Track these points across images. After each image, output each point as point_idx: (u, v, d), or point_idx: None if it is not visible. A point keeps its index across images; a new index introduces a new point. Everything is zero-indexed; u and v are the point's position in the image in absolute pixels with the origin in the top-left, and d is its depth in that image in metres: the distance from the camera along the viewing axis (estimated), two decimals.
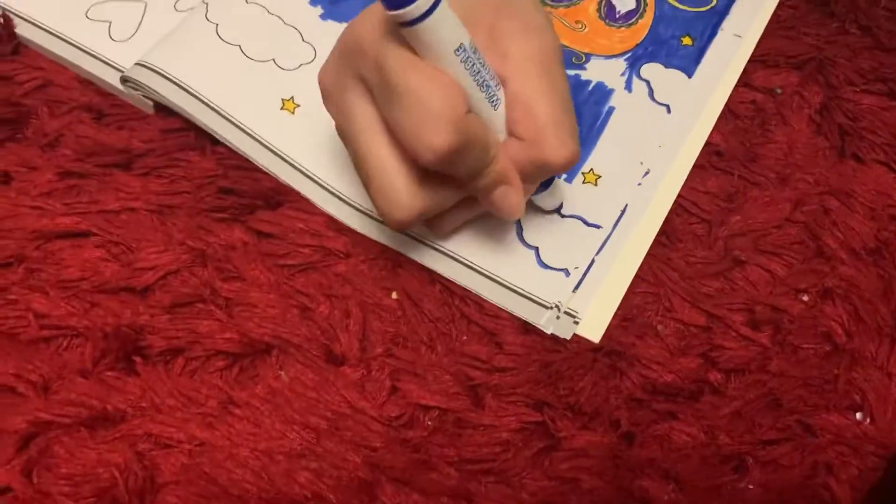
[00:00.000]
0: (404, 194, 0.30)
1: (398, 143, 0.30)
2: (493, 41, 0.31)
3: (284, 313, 0.35)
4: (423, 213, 0.32)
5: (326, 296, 0.36)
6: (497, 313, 0.36)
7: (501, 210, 0.33)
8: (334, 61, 0.32)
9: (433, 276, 0.37)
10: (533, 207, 0.38)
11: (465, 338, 0.35)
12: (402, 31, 0.28)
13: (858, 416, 0.34)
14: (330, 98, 0.33)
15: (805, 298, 0.37)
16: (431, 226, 0.35)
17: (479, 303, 0.36)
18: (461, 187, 0.32)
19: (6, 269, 0.36)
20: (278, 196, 0.38)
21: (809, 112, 0.42)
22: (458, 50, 0.28)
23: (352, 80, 0.31)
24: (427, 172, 0.31)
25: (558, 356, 0.35)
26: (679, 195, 0.39)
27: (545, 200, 0.37)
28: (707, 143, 0.40)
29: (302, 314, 0.35)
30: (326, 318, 0.35)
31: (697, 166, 0.40)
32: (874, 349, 0.35)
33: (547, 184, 0.36)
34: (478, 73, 0.29)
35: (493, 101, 0.31)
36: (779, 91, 0.42)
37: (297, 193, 0.38)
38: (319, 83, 0.33)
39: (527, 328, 0.35)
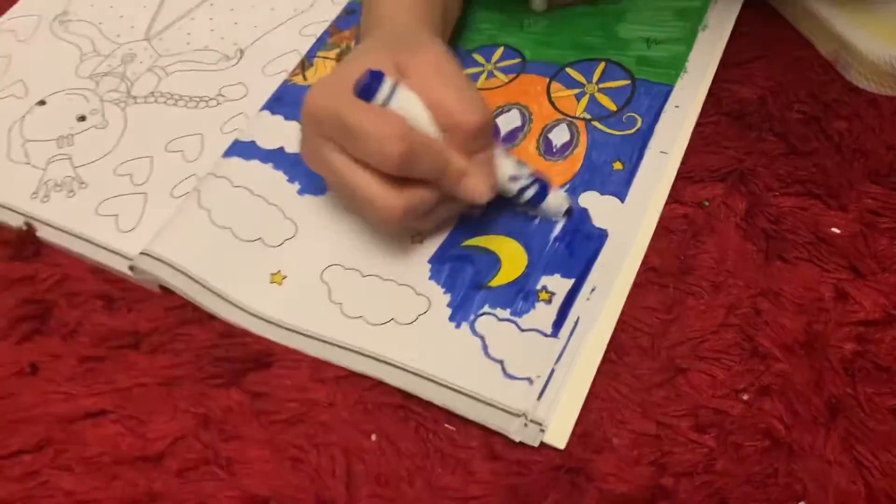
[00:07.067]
0: (382, 195, 0.39)
1: (368, 168, 0.39)
2: (398, 71, 0.41)
3: (278, 467, 0.40)
4: (407, 210, 0.40)
5: (314, 445, 0.40)
6: (466, 443, 0.40)
7: (473, 193, 0.42)
8: (306, 138, 0.42)
9: (408, 415, 0.41)
10: None
11: (439, 471, 0.39)
12: None
13: None
14: (315, 165, 0.42)
15: (745, 398, 0.40)
16: (422, 224, 0.45)
17: (450, 436, 0.40)
18: (434, 187, 0.41)
19: (38, 452, 0.41)
20: (267, 358, 0.43)
21: (736, 220, 0.46)
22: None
23: (321, 140, 0.40)
24: (400, 179, 0.40)
25: (524, 479, 0.39)
26: (622, 312, 0.43)
27: (554, 203, 0.46)
28: (644, 262, 0.45)
29: (293, 465, 0.40)
30: (314, 467, 0.40)
31: (636, 285, 0.44)
32: (811, 439, 0.39)
33: (541, 196, 0.45)
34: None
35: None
36: (706, 203, 0.47)
37: (283, 354, 0.43)
38: (304, 161, 0.43)
39: (493, 455, 0.39)
